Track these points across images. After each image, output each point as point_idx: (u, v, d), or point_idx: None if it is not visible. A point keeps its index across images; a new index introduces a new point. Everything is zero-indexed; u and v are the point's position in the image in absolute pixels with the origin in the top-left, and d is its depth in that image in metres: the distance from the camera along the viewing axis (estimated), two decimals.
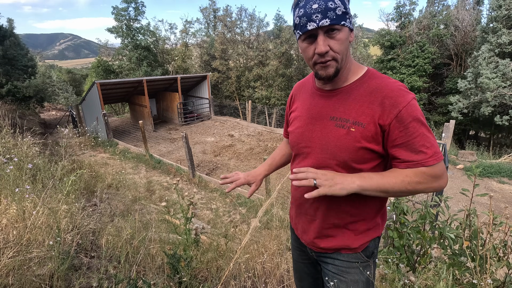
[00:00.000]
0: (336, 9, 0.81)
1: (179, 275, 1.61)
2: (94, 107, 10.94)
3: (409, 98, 0.86)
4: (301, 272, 1.29)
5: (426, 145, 0.86)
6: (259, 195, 5.82)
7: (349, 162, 0.92)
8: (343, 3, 0.82)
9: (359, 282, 1.03)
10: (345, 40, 0.85)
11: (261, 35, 19.65)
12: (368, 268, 1.05)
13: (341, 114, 0.93)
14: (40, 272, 1.60)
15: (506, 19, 13.17)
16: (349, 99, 0.93)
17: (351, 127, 0.90)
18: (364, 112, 0.89)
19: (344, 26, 0.84)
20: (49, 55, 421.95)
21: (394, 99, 0.86)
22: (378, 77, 0.93)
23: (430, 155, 0.86)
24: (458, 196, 5.92)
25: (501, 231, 1.56)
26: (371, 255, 1.05)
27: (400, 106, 0.85)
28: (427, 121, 5.72)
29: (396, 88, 0.88)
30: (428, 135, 0.87)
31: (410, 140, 0.86)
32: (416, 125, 0.85)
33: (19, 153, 3.11)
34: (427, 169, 0.86)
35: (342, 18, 0.82)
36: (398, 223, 1.84)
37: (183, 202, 1.98)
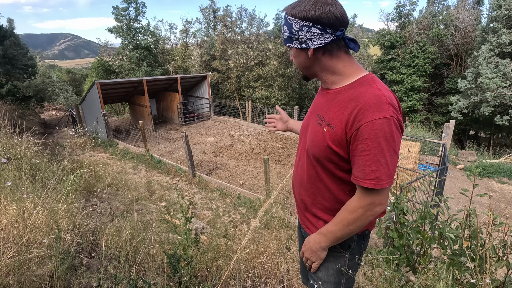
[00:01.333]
0: (283, 34, 1.01)
1: (179, 275, 1.61)
2: (94, 107, 10.94)
3: (376, 116, 0.85)
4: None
5: (371, 166, 0.88)
6: (259, 195, 5.82)
7: (320, 158, 1.01)
8: (289, 28, 0.97)
9: (329, 269, 1.13)
10: (297, 57, 1.02)
11: (261, 35, 19.66)
12: (341, 259, 1.12)
13: (323, 113, 1.02)
14: (40, 272, 1.60)
15: (506, 19, 13.17)
16: (333, 101, 0.99)
17: (325, 127, 0.98)
18: (338, 117, 0.95)
19: (290, 47, 1.01)
20: (49, 55, 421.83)
21: (362, 112, 0.87)
22: (367, 85, 0.93)
23: (370, 178, 0.88)
24: (458, 196, 5.92)
25: (501, 231, 1.56)
26: (347, 248, 1.12)
27: (364, 121, 0.86)
28: (427, 121, 5.71)
29: (371, 102, 0.87)
30: (378, 159, 0.86)
31: (359, 155, 0.89)
32: (370, 143, 0.86)
33: (19, 153, 3.11)
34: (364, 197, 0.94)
35: (287, 41, 1.00)
36: (398, 223, 1.84)
37: (183, 202, 1.98)
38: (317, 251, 1.09)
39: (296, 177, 1.20)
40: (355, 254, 1.14)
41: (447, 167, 5.30)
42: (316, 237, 1.08)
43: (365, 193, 0.93)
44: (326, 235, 1.04)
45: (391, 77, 18.17)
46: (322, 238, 1.06)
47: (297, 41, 0.97)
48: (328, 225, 1.05)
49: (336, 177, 1.02)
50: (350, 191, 1.02)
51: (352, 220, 0.97)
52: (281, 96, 18.13)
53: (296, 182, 1.19)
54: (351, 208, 0.97)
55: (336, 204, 1.06)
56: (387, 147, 0.86)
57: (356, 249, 1.13)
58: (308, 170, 1.10)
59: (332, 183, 1.04)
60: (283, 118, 1.54)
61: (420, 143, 7.87)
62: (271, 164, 7.79)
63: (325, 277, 1.14)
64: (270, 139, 10.47)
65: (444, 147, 6.46)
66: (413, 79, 17.39)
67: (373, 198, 0.92)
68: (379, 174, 0.87)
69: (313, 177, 1.08)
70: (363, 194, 0.93)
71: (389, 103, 0.87)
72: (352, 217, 0.96)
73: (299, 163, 1.17)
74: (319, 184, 1.07)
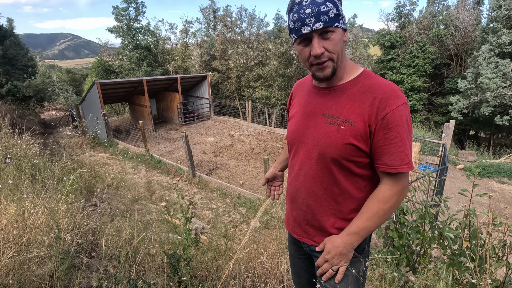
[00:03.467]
0: (328, 12, 0.84)
1: (179, 275, 1.61)
2: (94, 107, 10.94)
3: (398, 103, 0.88)
4: (298, 268, 1.30)
5: (404, 151, 0.90)
6: (259, 195, 5.82)
7: (338, 158, 0.96)
8: (335, 6, 0.86)
9: (349, 277, 1.05)
10: (339, 41, 0.89)
11: (261, 35, 19.65)
12: (358, 263, 1.07)
13: (333, 111, 0.97)
14: (40, 272, 1.60)
15: (506, 19, 13.16)
16: (342, 98, 0.96)
17: (341, 125, 0.93)
18: (355, 111, 0.92)
19: (337, 28, 0.87)
20: (49, 55, 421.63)
21: (384, 101, 0.88)
22: (373, 77, 0.95)
23: (406, 162, 0.90)
24: (458, 196, 5.92)
25: (501, 231, 1.56)
26: (362, 251, 1.07)
27: (388, 109, 0.87)
28: (427, 121, 5.74)
29: (388, 90, 0.90)
30: (406, 143, 0.90)
31: (391, 143, 0.89)
32: (400, 129, 0.88)
33: (18, 153, 3.11)
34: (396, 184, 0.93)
35: (335, 20, 0.85)
36: (398, 223, 1.84)
37: (183, 202, 1.98)
38: (348, 253, 1.00)
39: (299, 188, 1.09)
40: (367, 256, 1.11)
41: (447, 167, 5.30)
42: (346, 239, 0.98)
43: (396, 179, 0.93)
44: (359, 233, 0.97)
45: (391, 77, 18.17)
46: (354, 237, 0.98)
47: (342, 20, 0.89)
48: (358, 222, 0.97)
49: (354, 175, 0.99)
50: (365, 187, 1.01)
51: (388, 209, 0.94)
52: (281, 96, 18.13)
53: (301, 194, 1.08)
54: (386, 197, 0.93)
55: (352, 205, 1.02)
56: (409, 130, 0.91)
57: (367, 251, 1.10)
58: (319, 176, 1.01)
59: (349, 183, 0.99)
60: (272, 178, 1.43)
61: (420, 143, 7.87)
62: (271, 164, 7.78)
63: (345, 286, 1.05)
64: (270, 139, 10.47)
65: (444, 147, 6.46)
66: (413, 79, 17.39)
67: (404, 182, 0.94)
68: (410, 157, 0.91)
69: (327, 182, 1.01)
70: (394, 181, 0.93)
71: (400, 90, 0.92)
72: (387, 207, 0.93)
73: (301, 173, 1.06)
74: (333, 188, 1.01)
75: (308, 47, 0.89)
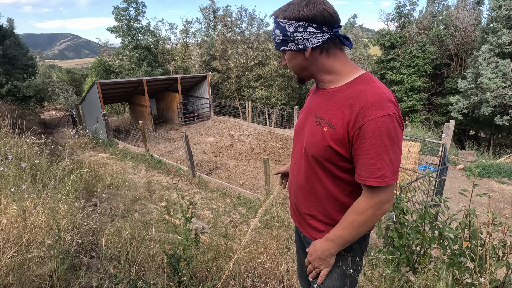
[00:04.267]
0: (275, 38, 0.99)
1: (179, 275, 1.61)
2: (94, 107, 10.94)
3: (379, 114, 0.85)
4: (301, 258, 1.36)
5: (376, 164, 0.88)
6: (259, 195, 5.83)
7: (319, 159, 1.00)
8: (282, 32, 0.96)
9: (333, 273, 1.10)
10: (291, 60, 1.01)
11: (261, 35, 19.65)
12: (345, 261, 1.10)
13: (322, 113, 1.00)
14: (40, 272, 1.60)
15: (506, 19, 13.17)
16: (332, 101, 0.98)
17: (324, 127, 0.97)
18: (338, 116, 0.94)
19: (285, 51, 1.00)
20: (49, 55, 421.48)
21: (364, 110, 0.87)
22: (366, 83, 0.93)
23: (376, 176, 0.88)
24: (458, 196, 5.92)
25: (501, 231, 1.56)
26: (350, 250, 1.10)
27: (366, 119, 0.86)
28: (427, 121, 5.70)
29: (373, 100, 0.87)
30: (382, 156, 0.87)
31: (363, 154, 0.89)
32: (374, 142, 0.86)
33: (18, 153, 3.11)
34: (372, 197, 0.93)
35: (280, 45, 0.99)
36: (398, 223, 1.85)
37: (183, 202, 1.98)
38: (327, 258, 1.06)
39: (292, 181, 1.18)
40: (357, 256, 1.13)
41: (447, 167, 5.30)
42: (324, 244, 1.04)
43: (372, 192, 0.92)
44: (335, 241, 1.01)
45: (391, 77, 18.18)
46: (330, 244, 1.02)
47: (293, 43, 0.96)
48: (336, 230, 1.01)
49: (336, 177, 1.01)
50: (350, 192, 1.02)
51: (363, 222, 0.95)
52: (281, 96, 18.14)
53: (293, 187, 1.17)
54: (360, 209, 0.95)
55: (336, 207, 1.05)
56: (390, 144, 0.87)
57: (358, 251, 1.12)
58: (307, 173, 1.07)
59: (333, 185, 1.02)
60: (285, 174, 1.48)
61: (420, 143, 7.87)
62: (271, 164, 7.79)
63: (329, 282, 1.11)
64: (270, 139, 10.47)
65: (444, 147, 6.46)
66: (413, 79, 17.40)
67: (380, 196, 0.92)
68: (384, 171, 0.88)
69: (312, 180, 1.06)
70: (370, 194, 0.93)
71: (390, 100, 0.88)
72: (362, 219, 0.95)
73: (295, 167, 1.15)
74: (318, 187, 1.05)
75: None
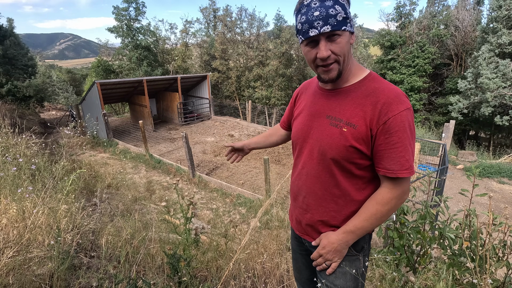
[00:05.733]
0: (337, 15, 0.83)
1: (179, 275, 1.61)
2: (94, 107, 10.93)
3: (401, 108, 0.88)
4: (300, 264, 1.33)
5: (405, 156, 0.90)
6: (259, 195, 5.82)
7: (340, 160, 0.97)
8: (343, 9, 0.85)
9: (347, 274, 1.07)
10: (346, 44, 0.89)
11: (261, 35, 19.65)
12: (357, 261, 1.08)
13: (336, 113, 0.98)
14: (40, 272, 1.60)
15: (506, 19, 13.16)
16: (346, 100, 0.97)
17: (344, 127, 0.95)
18: (358, 114, 0.93)
19: (345, 31, 0.87)
20: (49, 54, 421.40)
21: (387, 105, 0.89)
22: (378, 81, 0.95)
23: (406, 168, 0.91)
24: (458, 196, 5.92)
25: (501, 231, 1.56)
26: (361, 250, 1.09)
27: (390, 114, 0.88)
28: (427, 121, 5.72)
29: (392, 95, 0.90)
30: (408, 148, 0.90)
31: (391, 148, 0.90)
32: (401, 135, 0.89)
33: (18, 153, 3.11)
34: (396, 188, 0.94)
35: (343, 24, 0.85)
36: (398, 223, 1.84)
37: (183, 202, 1.98)
38: (342, 250, 1.03)
39: (301, 186, 1.12)
40: (367, 255, 1.12)
41: (447, 167, 5.30)
42: (342, 236, 1.00)
43: (397, 183, 0.94)
44: (355, 232, 0.99)
45: (391, 77, 18.17)
46: (350, 236, 1.00)
47: (350, 24, 0.88)
48: (356, 222, 0.98)
49: (354, 176, 1.00)
50: (364, 189, 1.02)
51: (386, 212, 0.95)
52: (281, 96, 18.13)
53: (302, 192, 1.11)
54: (385, 200, 0.95)
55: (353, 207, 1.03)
56: (412, 136, 0.91)
57: (367, 249, 1.11)
58: (320, 176, 1.03)
59: (349, 184, 1.00)
60: (239, 148, 1.45)
61: (420, 143, 7.87)
62: (271, 164, 7.79)
63: (344, 283, 1.07)
64: None
65: (444, 147, 6.47)
66: (413, 79, 17.39)
67: (404, 186, 0.94)
68: (411, 162, 0.91)
69: (327, 184, 1.02)
70: (395, 185, 0.94)
71: (405, 95, 0.91)
72: (386, 209, 0.95)
73: (303, 172, 1.09)
74: (334, 190, 1.02)
75: (315, 49, 0.89)
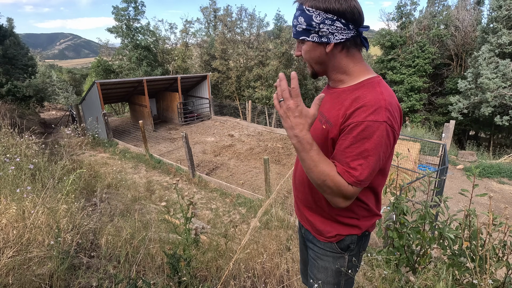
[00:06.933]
0: (296, 26, 0.96)
1: (178, 275, 1.61)
2: (94, 107, 10.94)
3: (371, 118, 0.84)
4: (305, 255, 1.37)
5: (350, 164, 0.86)
6: (259, 195, 5.82)
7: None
8: (306, 21, 0.93)
9: (328, 270, 1.13)
10: (308, 52, 0.98)
11: (261, 35, 19.66)
12: (341, 259, 1.12)
13: (325, 110, 1.02)
14: (40, 272, 1.60)
15: (506, 19, 13.17)
16: (336, 100, 0.99)
17: (324, 124, 1.00)
18: (338, 115, 0.94)
19: (304, 41, 0.97)
20: (49, 54, 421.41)
21: (360, 111, 0.86)
22: (370, 87, 0.92)
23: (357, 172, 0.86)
24: (458, 196, 5.91)
25: (501, 231, 1.56)
26: (347, 249, 1.11)
27: (357, 119, 0.86)
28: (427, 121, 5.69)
29: (371, 103, 0.86)
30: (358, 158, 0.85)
31: (342, 150, 0.89)
32: (355, 142, 0.85)
33: (18, 152, 3.11)
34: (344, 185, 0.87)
35: (302, 34, 0.96)
36: (398, 223, 1.84)
37: (183, 202, 1.98)
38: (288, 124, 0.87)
39: (296, 175, 1.21)
40: (354, 255, 1.14)
41: (447, 167, 5.30)
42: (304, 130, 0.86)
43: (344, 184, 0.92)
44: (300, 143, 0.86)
45: (391, 77, 18.18)
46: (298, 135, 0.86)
47: (316, 34, 0.93)
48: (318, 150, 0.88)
49: None
50: None
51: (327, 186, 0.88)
52: None
53: (297, 180, 1.20)
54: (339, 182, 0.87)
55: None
56: (373, 149, 0.85)
57: (355, 250, 1.13)
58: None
59: None
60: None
61: (420, 143, 7.87)
62: (271, 164, 7.79)
63: (324, 277, 1.14)
64: (270, 139, 10.47)
65: (444, 147, 6.47)
66: (413, 79, 17.40)
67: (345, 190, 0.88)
68: (357, 173, 0.86)
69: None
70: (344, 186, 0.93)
71: (386, 109, 0.85)
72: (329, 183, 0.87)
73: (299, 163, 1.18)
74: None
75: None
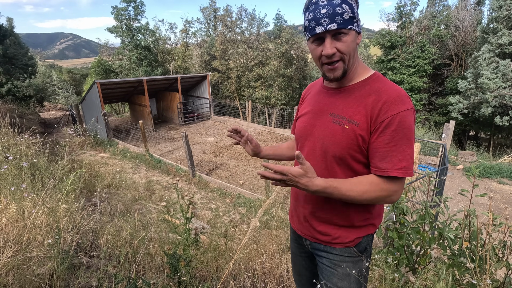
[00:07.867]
0: (343, 14, 0.85)
1: (178, 275, 1.61)
2: (94, 107, 10.93)
3: (402, 108, 0.88)
4: (299, 266, 1.31)
5: (398, 156, 0.89)
6: (258, 195, 5.82)
7: (341, 157, 0.97)
8: (351, 8, 0.86)
9: (350, 276, 1.06)
10: (352, 43, 0.90)
11: (261, 35, 19.66)
12: (360, 263, 1.08)
13: (339, 111, 0.98)
14: (40, 272, 1.60)
15: (506, 19, 13.16)
16: (350, 98, 0.97)
17: (346, 124, 0.95)
18: (360, 112, 0.93)
19: (350, 30, 0.88)
20: (49, 54, 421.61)
21: (388, 104, 0.89)
22: (382, 81, 0.96)
23: (398, 167, 0.88)
24: (458, 196, 5.91)
25: (501, 231, 1.56)
26: (364, 251, 1.08)
27: (390, 113, 0.88)
28: (427, 122, 5.71)
29: (394, 95, 0.90)
30: (404, 149, 0.89)
31: (383, 147, 0.89)
32: (396, 135, 0.88)
33: (18, 152, 3.11)
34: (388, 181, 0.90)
35: (349, 23, 0.87)
36: (397, 223, 1.84)
37: (183, 202, 1.98)
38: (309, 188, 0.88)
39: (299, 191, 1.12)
40: (369, 256, 1.12)
41: (447, 168, 5.30)
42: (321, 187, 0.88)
43: (388, 182, 0.91)
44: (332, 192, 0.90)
45: (392, 78, 18.17)
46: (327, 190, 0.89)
47: (356, 23, 0.90)
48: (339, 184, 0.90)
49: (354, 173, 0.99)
50: None
51: (373, 197, 0.90)
52: (281, 96, 18.13)
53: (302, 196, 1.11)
54: (381, 187, 0.90)
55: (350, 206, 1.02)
56: (410, 137, 0.89)
57: (369, 251, 1.11)
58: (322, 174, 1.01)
59: None
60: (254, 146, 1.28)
61: (420, 144, 7.86)
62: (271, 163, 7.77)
63: (347, 284, 1.07)
64: (270, 139, 10.47)
65: (444, 148, 6.46)
66: (413, 79, 17.39)
67: (394, 186, 0.91)
68: (406, 163, 0.89)
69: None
70: (386, 183, 0.92)
71: (407, 96, 0.91)
72: (374, 195, 0.90)
73: None
74: None
75: (321, 47, 0.91)
